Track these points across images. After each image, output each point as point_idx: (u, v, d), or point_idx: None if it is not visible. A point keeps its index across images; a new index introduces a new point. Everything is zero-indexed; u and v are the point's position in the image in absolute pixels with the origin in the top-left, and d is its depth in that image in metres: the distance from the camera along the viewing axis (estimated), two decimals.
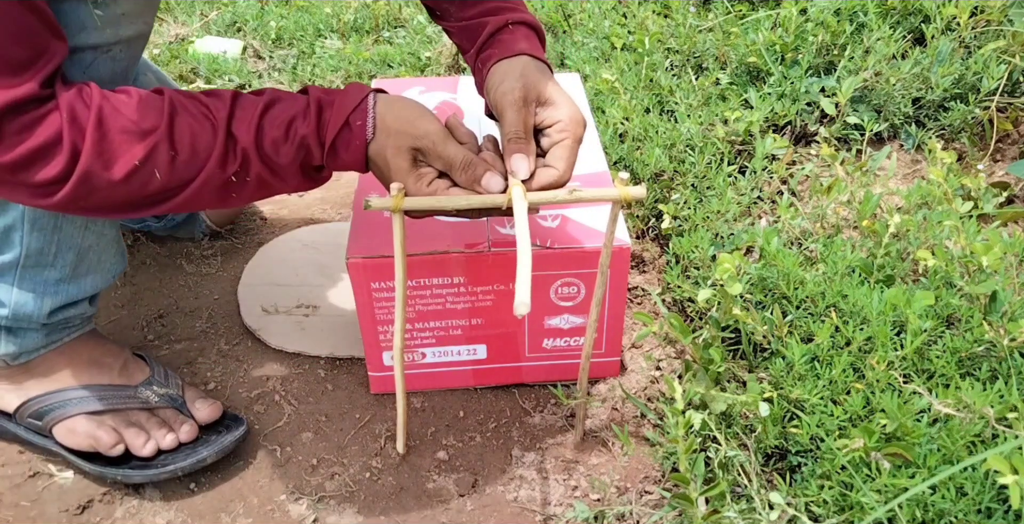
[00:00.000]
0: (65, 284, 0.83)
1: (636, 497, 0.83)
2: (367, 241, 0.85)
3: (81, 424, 0.86)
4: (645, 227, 1.16)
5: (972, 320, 0.77)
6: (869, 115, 1.20)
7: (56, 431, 0.87)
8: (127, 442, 0.86)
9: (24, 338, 0.84)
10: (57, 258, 0.81)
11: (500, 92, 0.74)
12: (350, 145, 0.71)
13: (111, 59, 0.72)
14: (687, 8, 1.46)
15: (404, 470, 0.88)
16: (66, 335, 0.87)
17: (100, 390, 0.87)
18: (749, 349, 0.89)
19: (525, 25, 0.81)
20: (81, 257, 0.82)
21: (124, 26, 0.70)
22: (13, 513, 0.85)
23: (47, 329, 0.85)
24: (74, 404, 0.86)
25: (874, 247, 0.90)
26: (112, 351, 0.91)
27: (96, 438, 0.85)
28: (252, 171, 0.71)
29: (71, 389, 0.87)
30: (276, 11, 1.82)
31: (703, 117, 1.21)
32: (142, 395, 0.89)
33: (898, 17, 1.31)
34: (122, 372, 0.90)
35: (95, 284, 0.86)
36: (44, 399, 0.87)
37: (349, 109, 0.71)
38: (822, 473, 0.73)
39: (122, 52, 0.72)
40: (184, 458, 0.86)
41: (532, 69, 0.75)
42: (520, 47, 0.77)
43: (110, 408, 0.87)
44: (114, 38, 0.70)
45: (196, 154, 0.68)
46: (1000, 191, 1.04)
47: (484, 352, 0.93)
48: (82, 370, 0.88)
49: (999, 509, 0.64)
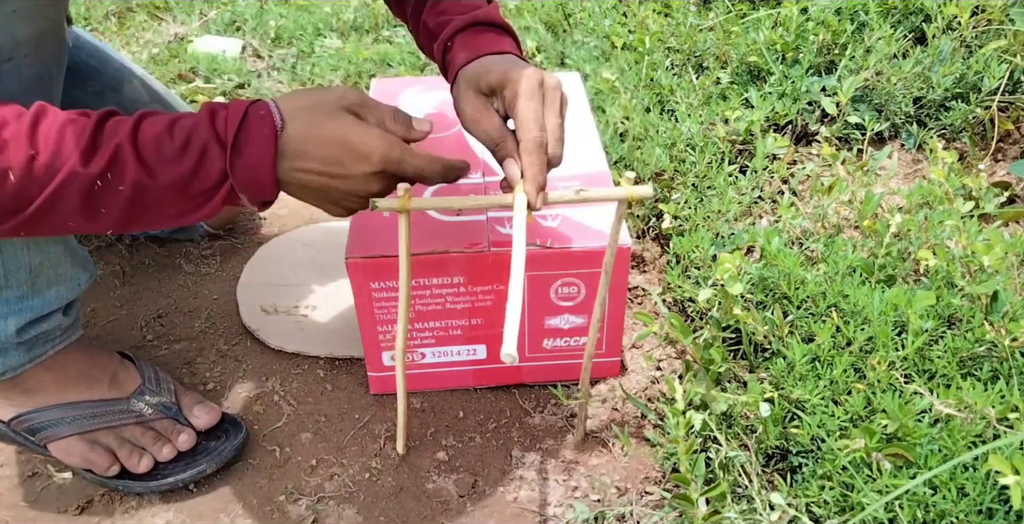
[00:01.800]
0: (27, 300, 0.79)
1: (636, 498, 0.83)
2: (366, 241, 0.84)
3: (75, 446, 0.85)
4: (645, 227, 1.16)
5: (973, 320, 0.77)
6: (870, 114, 1.19)
7: (50, 448, 0.86)
8: (122, 462, 0.85)
9: (4, 356, 0.81)
10: (9, 279, 0.76)
11: (462, 115, 0.72)
12: (257, 136, 0.62)
13: (15, 67, 0.65)
14: (688, 7, 1.46)
15: (404, 470, 0.88)
16: (49, 348, 0.84)
17: (91, 407, 0.86)
18: (750, 349, 0.88)
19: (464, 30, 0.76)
20: (35, 273, 0.78)
21: (19, 26, 0.63)
22: (12, 513, 0.85)
23: (25, 345, 0.81)
24: (66, 424, 0.84)
25: (875, 247, 0.90)
26: (100, 362, 0.88)
27: (90, 461, 0.84)
28: (127, 174, 0.60)
29: (61, 407, 0.85)
30: (275, 10, 1.82)
31: (704, 116, 1.21)
32: (135, 408, 0.87)
33: (899, 16, 1.31)
34: (112, 384, 0.87)
35: (60, 296, 0.81)
36: (35, 416, 0.85)
37: (246, 103, 0.63)
38: (823, 474, 0.73)
39: (27, 57, 0.65)
40: (184, 470, 0.85)
41: (472, 75, 0.72)
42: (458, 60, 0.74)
43: (103, 426, 0.85)
44: (10, 42, 0.62)
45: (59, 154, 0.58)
46: (1001, 191, 1.04)
47: (484, 352, 0.93)
48: (70, 385, 0.86)
49: (1000, 509, 0.64)
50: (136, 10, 1.91)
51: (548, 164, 0.68)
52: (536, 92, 0.68)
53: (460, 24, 0.76)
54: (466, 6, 0.78)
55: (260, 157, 0.62)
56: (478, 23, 0.76)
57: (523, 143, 0.67)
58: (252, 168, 0.62)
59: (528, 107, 0.67)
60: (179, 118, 0.62)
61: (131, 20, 1.88)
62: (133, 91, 1.01)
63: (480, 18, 0.76)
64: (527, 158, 0.67)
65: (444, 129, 1.01)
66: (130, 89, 0.99)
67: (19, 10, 0.62)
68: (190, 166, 0.61)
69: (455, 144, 0.98)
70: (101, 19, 1.89)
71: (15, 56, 0.63)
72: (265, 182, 0.63)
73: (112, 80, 1.00)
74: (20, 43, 0.63)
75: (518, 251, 0.63)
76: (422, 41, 0.83)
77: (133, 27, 1.85)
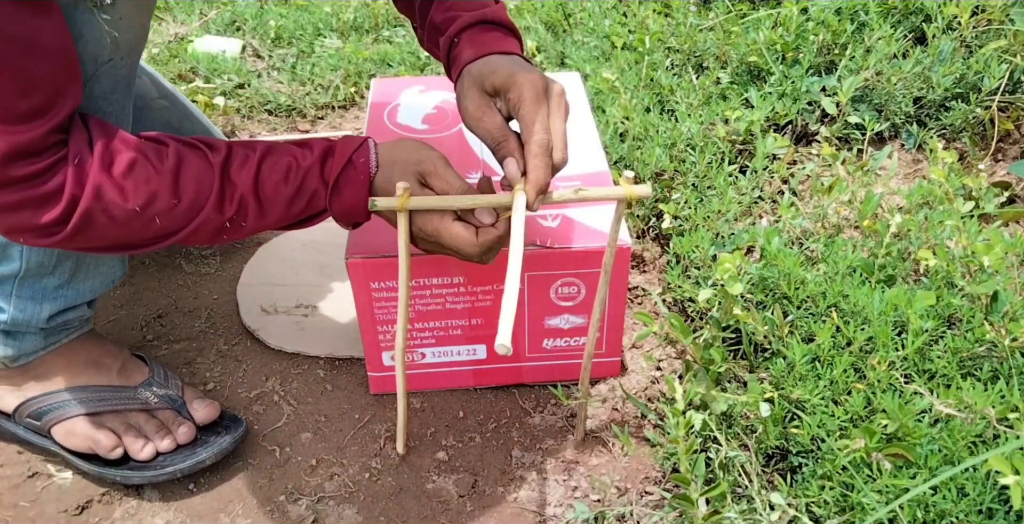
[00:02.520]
0: (64, 290, 0.83)
1: (636, 498, 0.83)
2: (366, 241, 0.84)
3: (80, 426, 0.85)
4: (645, 227, 1.16)
5: (973, 320, 0.77)
6: (870, 114, 1.19)
7: (55, 432, 0.86)
8: (125, 446, 0.86)
9: (23, 341, 0.84)
10: (56, 267, 0.80)
11: (464, 112, 0.73)
12: (354, 181, 0.71)
13: (112, 68, 0.70)
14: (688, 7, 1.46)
15: (404, 471, 0.88)
16: (64, 337, 0.87)
17: (99, 391, 0.87)
18: (750, 349, 0.88)
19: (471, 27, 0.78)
20: (79, 264, 0.82)
21: (123, 31, 0.69)
22: (12, 513, 0.85)
23: (45, 332, 0.85)
24: (73, 405, 0.86)
25: (875, 247, 0.90)
26: (111, 352, 0.90)
27: (95, 440, 0.85)
28: (249, 217, 0.71)
29: (70, 390, 0.86)
30: (275, 10, 1.82)
31: (704, 116, 1.21)
32: (141, 396, 0.88)
33: (899, 16, 1.31)
34: (121, 373, 0.89)
35: (94, 289, 0.85)
36: (43, 399, 0.86)
37: (351, 149, 0.72)
38: (823, 474, 0.73)
39: (123, 60, 0.71)
40: (183, 460, 0.86)
41: (477, 73, 0.73)
42: (464, 57, 0.75)
43: (109, 409, 0.86)
44: (113, 45, 0.69)
45: (196, 201, 0.69)
46: (1001, 191, 1.04)
47: (484, 352, 0.93)
48: (81, 371, 0.87)
49: (1000, 509, 0.64)
50: None
51: (553, 168, 0.69)
52: (542, 97, 0.69)
53: (468, 21, 0.77)
54: (475, 4, 0.79)
55: (354, 199, 0.72)
56: (486, 21, 0.77)
57: (529, 146, 0.68)
58: (348, 205, 0.73)
59: (534, 111, 0.69)
60: (294, 162, 0.71)
61: None
62: (142, 86, 1.03)
63: (488, 16, 0.77)
64: (532, 160, 0.68)
65: (445, 129, 1.01)
66: (139, 84, 1.01)
67: (124, 17, 0.68)
68: (301, 207, 0.73)
69: (455, 143, 0.98)
70: None
71: (114, 58, 0.70)
72: (359, 216, 0.74)
73: None
74: (120, 46, 0.69)
75: (515, 248, 0.64)
76: (426, 36, 0.83)
77: None
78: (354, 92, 1.57)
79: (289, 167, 0.71)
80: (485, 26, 0.77)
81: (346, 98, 1.55)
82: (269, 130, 1.49)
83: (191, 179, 0.68)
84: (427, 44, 0.85)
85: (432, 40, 0.82)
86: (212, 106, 1.49)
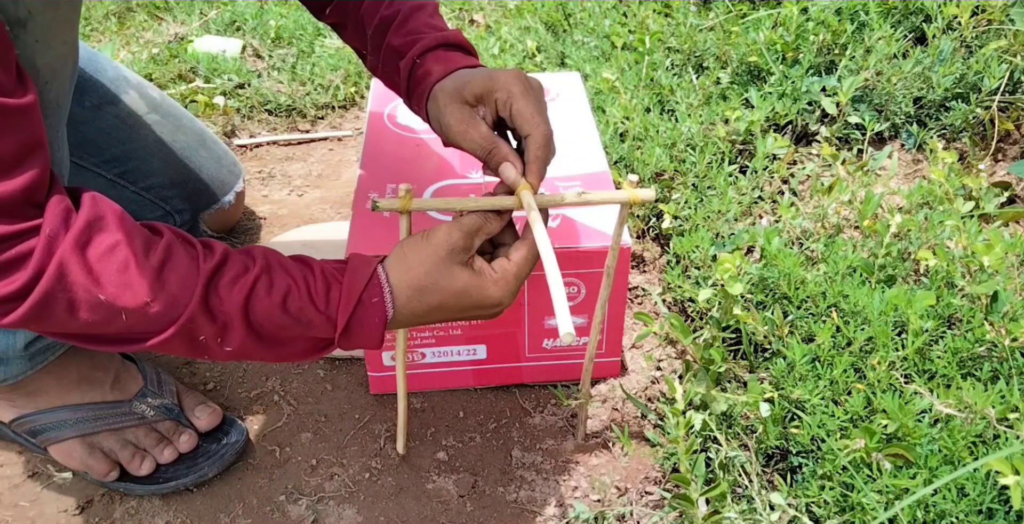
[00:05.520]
0: None
1: (636, 498, 0.83)
2: (367, 241, 0.84)
3: (75, 449, 0.84)
4: (645, 227, 1.16)
5: (973, 320, 0.77)
6: (870, 115, 1.19)
7: (51, 451, 0.86)
8: (123, 464, 0.85)
9: (7, 365, 0.81)
10: None
11: (447, 129, 0.72)
12: (367, 324, 0.65)
13: None
14: (688, 7, 1.46)
15: (404, 470, 0.88)
16: (50, 355, 0.84)
17: (93, 409, 0.86)
18: (750, 349, 0.88)
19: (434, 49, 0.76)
20: None
21: (40, 55, 0.62)
22: (12, 513, 0.85)
23: (28, 354, 0.81)
24: (68, 427, 0.84)
25: (875, 247, 0.90)
26: (102, 364, 0.88)
27: (89, 467, 0.84)
28: (234, 339, 0.62)
29: (63, 409, 0.85)
30: (275, 10, 1.82)
31: (704, 116, 1.21)
32: (137, 410, 0.87)
33: (899, 16, 1.31)
34: (114, 386, 0.87)
35: None
36: (36, 418, 0.85)
37: (360, 289, 0.64)
38: (823, 474, 0.73)
39: (47, 84, 0.64)
40: (185, 473, 0.86)
41: (452, 88, 0.71)
42: (432, 75, 0.74)
43: (105, 428, 0.85)
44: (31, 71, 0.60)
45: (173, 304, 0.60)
46: (1001, 191, 1.04)
47: (484, 352, 0.93)
48: (72, 388, 0.86)
49: (1000, 509, 0.64)
50: (136, 10, 1.91)
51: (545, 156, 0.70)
52: (529, 91, 0.69)
53: (430, 43, 0.76)
54: (434, 27, 0.79)
55: (368, 340, 0.66)
56: (448, 43, 0.77)
57: (534, 137, 0.68)
58: (359, 345, 0.67)
59: (528, 104, 0.69)
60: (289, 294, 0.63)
61: (131, 20, 1.88)
62: (131, 102, 1.00)
63: (450, 39, 0.77)
64: (538, 151, 0.68)
65: None
66: (128, 100, 0.99)
67: (40, 39, 0.61)
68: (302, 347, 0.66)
69: None
70: (101, 19, 1.89)
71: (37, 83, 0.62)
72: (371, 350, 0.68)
73: (108, 93, 0.99)
74: (41, 71, 0.63)
75: (543, 242, 0.63)
76: (381, 62, 0.81)
77: (133, 27, 1.85)
78: (354, 92, 1.57)
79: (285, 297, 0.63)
80: (448, 47, 0.77)
81: (346, 98, 1.55)
82: (269, 130, 1.49)
83: (175, 277, 0.60)
84: (381, 70, 0.82)
85: (390, 65, 0.80)
86: (212, 106, 1.49)
